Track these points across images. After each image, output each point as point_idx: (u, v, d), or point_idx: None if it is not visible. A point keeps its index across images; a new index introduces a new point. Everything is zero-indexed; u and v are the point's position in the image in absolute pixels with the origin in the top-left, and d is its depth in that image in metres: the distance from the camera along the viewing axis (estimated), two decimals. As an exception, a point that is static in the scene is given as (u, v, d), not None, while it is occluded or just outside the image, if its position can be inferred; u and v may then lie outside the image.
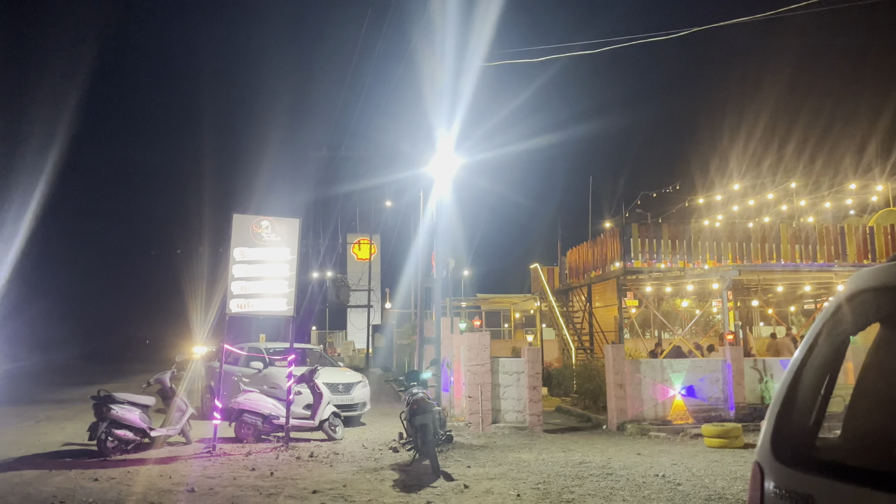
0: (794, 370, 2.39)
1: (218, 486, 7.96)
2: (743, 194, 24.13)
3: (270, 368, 13.33)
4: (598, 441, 11.79)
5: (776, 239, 17.46)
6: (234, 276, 11.03)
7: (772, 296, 21.46)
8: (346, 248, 44.47)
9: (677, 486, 8.07)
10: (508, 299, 32.79)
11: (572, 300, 22.57)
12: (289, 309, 11.33)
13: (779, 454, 2.30)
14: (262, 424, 11.26)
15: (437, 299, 13.22)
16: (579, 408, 15.70)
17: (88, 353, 44.75)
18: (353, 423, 13.61)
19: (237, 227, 11.12)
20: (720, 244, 17.31)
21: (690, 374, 13.55)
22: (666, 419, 13.22)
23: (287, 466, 9.21)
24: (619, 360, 13.36)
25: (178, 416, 10.91)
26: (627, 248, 16.98)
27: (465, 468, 9.14)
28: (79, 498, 7.30)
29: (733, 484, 8.15)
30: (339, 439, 11.56)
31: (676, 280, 17.78)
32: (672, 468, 9.16)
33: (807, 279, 18.03)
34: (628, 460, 9.80)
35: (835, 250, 17.40)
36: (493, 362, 13.21)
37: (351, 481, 8.26)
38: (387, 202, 34.31)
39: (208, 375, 14.93)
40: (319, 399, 11.59)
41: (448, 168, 13.29)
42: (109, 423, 9.86)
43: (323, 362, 14.75)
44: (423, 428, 9.07)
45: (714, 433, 11.17)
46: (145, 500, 7.27)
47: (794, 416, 2.33)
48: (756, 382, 13.79)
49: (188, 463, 9.46)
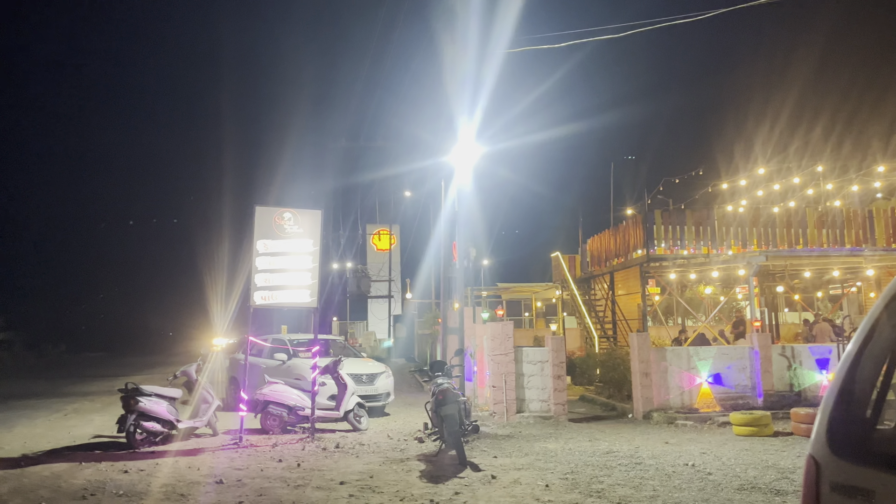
0: (851, 358, 2.28)
1: (246, 477, 7.99)
2: (768, 178, 23.74)
3: (294, 360, 13.37)
4: (624, 430, 11.69)
5: (802, 224, 17.16)
6: (258, 268, 11.05)
7: (797, 281, 21.13)
8: (366, 238, 44.57)
9: (708, 475, 7.96)
10: (529, 288, 32.66)
11: (594, 288, 22.40)
12: (312, 300, 11.33)
13: (836, 447, 2.20)
14: (288, 415, 11.30)
15: (460, 289, 13.16)
16: (603, 396, 15.59)
17: (113, 345, 45.39)
18: (377, 413, 13.63)
19: (260, 219, 11.13)
20: (745, 230, 17.04)
21: (717, 361, 13.38)
22: (692, 407, 13.07)
23: (313, 457, 9.23)
24: (644, 349, 13.22)
25: (205, 407, 10.99)
26: (650, 234, 16.78)
27: (492, 458, 9.10)
28: (109, 490, 7.36)
29: (765, 473, 8.03)
30: (364, 430, 11.57)
31: (700, 267, 17.55)
32: (701, 457, 9.05)
33: (835, 264, 17.71)
34: (656, 449, 9.70)
35: (863, 234, 17.06)
36: (516, 352, 13.14)
37: (377, 472, 8.25)
38: (406, 192, 34.32)
39: (233, 367, 15.03)
40: (344, 390, 11.60)
41: (469, 157, 13.19)
42: (138, 415, 9.95)
43: (346, 353, 14.78)
44: (448, 418, 9.03)
45: (743, 421, 11.02)
46: (175, 491, 7.31)
47: (851, 408, 2.23)
48: (784, 370, 13.58)
49: (215, 454, 9.52)
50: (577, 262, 23.43)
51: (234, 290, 22.78)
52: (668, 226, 16.91)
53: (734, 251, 16.79)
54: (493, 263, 39.06)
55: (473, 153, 13.24)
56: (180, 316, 45.49)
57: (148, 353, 40.45)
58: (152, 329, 52.65)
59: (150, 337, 50.75)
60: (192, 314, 37.27)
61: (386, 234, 41.54)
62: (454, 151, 13.09)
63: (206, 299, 29.82)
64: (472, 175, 13.55)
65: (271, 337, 15.34)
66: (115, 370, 26.62)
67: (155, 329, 52.82)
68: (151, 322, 53.37)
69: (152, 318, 53.15)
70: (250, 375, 11.62)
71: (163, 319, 52.65)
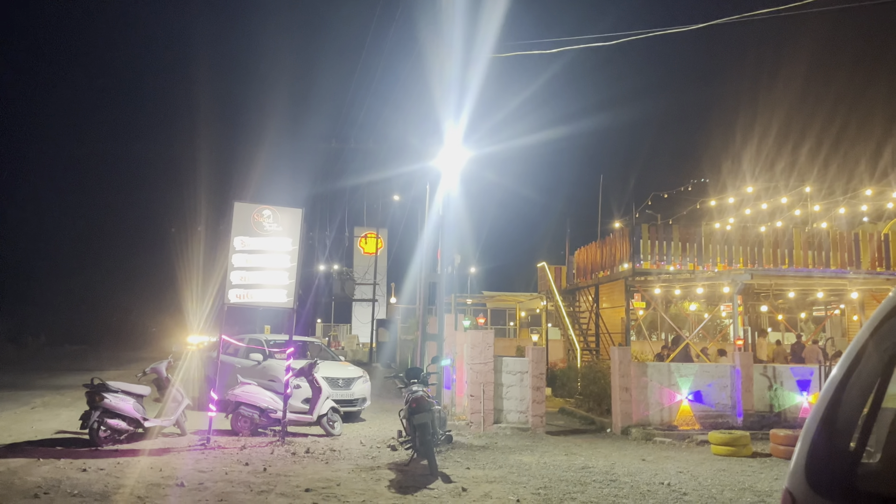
0: (835, 386, 2.10)
1: (209, 480, 7.73)
2: (756, 197, 23.76)
3: (270, 361, 13.10)
4: (601, 445, 11.50)
5: (789, 244, 17.11)
6: (234, 265, 10.79)
7: (781, 302, 21.08)
8: (353, 241, 44.32)
9: (683, 495, 7.78)
10: (514, 297, 32.48)
11: (579, 300, 22.26)
12: (289, 301, 11.08)
13: (815, 482, 2.01)
14: (259, 418, 11.03)
15: (441, 295, 12.95)
16: (583, 410, 15.40)
17: (94, 339, 44.77)
18: (353, 418, 13.37)
19: (238, 215, 10.88)
20: (731, 248, 16.97)
21: (698, 379, 13.24)
22: (672, 424, 12.91)
23: (281, 462, 8.97)
24: (625, 363, 13.05)
25: (174, 406, 10.70)
26: (637, 248, 16.67)
27: (465, 469, 8.88)
28: (63, 489, 7.07)
29: (741, 495, 7.86)
30: (337, 435, 11.32)
31: (686, 283, 17.44)
32: (678, 476, 8.87)
33: (819, 286, 17.66)
34: (633, 466, 9.51)
35: (848, 257, 17.04)
36: (496, 361, 12.94)
37: (346, 480, 8.01)
38: (394, 196, 34.12)
39: (206, 366, 14.72)
40: (318, 393, 11.35)
41: (455, 161, 13.00)
42: (102, 412, 9.65)
43: (323, 356, 14.52)
44: (422, 427, 8.81)
45: (722, 441, 10.85)
46: (132, 493, 7.04)
47: (833, 439, 2.05)
48: (765, 389, 13.45)
49: (181, 455, 9.24)
50: (563, 273, 23.29)
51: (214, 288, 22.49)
52: (654, 240, 16.81)
53: (720, 268, 16.70)
54: (479, 271, 38.89)
55: (461, 157, 13.06)
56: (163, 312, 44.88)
57: (129, 348, 39.91)
58: (135, 324, 51.98)
59: (133, 332, 50.09)
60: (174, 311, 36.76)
61: (373, 237, 41.29)
62: (441, 155, 12.91)
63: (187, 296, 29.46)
64: (458, 180, 13.36)
65: (248, 336, 15.06)
66: (92, 364, 26.16)
67: (137, 324, 52.16)
68: (134, 317, 52.72)
69: (135, 312, 52.48)
70: (223, 375, 11.36)
71: (146, 314, 51.99)
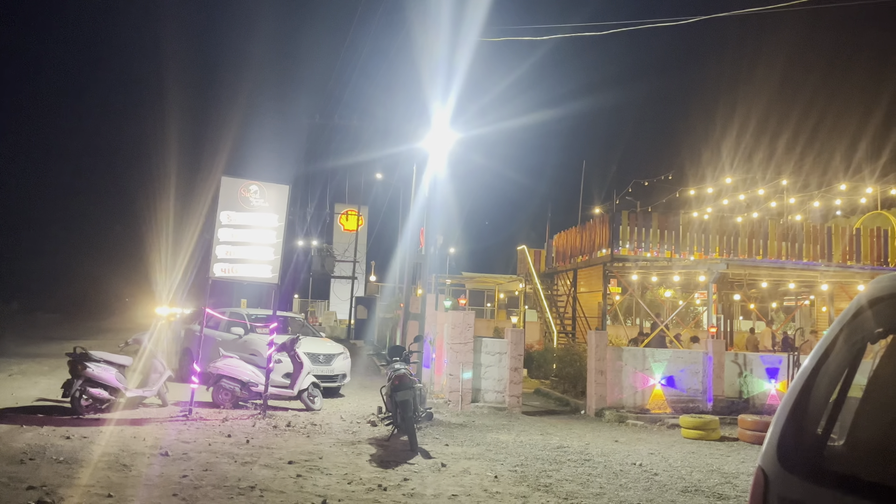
0: (807, 375, 2.29)
1: (192, 451, 7.85)
2: (734, 188, 24.16)
3: (251, 335, 13.19)
4: (576, 426, 11.81)
5: (764, 235, 17.49)
6: (220, 239, 10.83)
7: (754, 291, 21.57)
8: (334, 217, 44.20)
9: (654, 475, 8.07)
10: (494, 279, 32.76)
11: (557, 284, 22.56)
12: (273, 276, 11.16)
13: (785, 462, 2.20)
14: (241, 391, 11.15)
15: (426, 276, 13.11)
16: (558, 391, 15.73)
17: (68, 307, 44.30)
18: (333, 394, 13.54)
19: (225, 190, 10.90)
20: (708, 237, 17.31)
21: (672, 364, 13.59)
22: (644, 408, 13.27)
23: (263, 435, 9.12)
24: (601, 347, 13.35)
25: (156, 377, 10.77)
26: (616, 235, 16.93)
27: (444, 446, 9.10)
28: (48, 455, 7.16)
29: (709, 476, 8.17)
30: (318, 410, 11.48)
31: (663, 270, 17.78)
32: (649, 457, 9.18)
33: (791, 277, 18.11)
34: (606, 447, 9.81)
35: (821, 250, 17.47)
36: (475, 342, 13.16)
37: (327, 454, 8.18)
38: (377, 174, 34.07)
39: (187, 338, 14.77)
40: (299, 368, 11.48)
41: (443, 143, 13.11)
42: (84, 381, 9.70)
43: (305, 332, 14.63)
44: (403, 404, 9.00)
45: (692, 424, 11.21)
46: (117, 461, 7.15)
47: (803, 423, 2.24)
48: (736, 376, 13.86)
49: (163, 426, 9.34)
50: (543, 256, 23.56)
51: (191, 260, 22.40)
52: (633, 227, 17.08)
53: (696, 257, 17.05)
54: (460, 252, 39.13)
55: (447, 139, 13.16)
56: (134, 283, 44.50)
57: (103, 318, 39.61)
58: (109, 293, 51.51)
59: (107, 301, 49.65)
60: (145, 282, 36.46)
61: (354, 214, 41.23)
62: (428, 137, 13.00)
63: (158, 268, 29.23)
64: (445, 162, 13.48)
65: (229, 310, 15.11)
66: (67, 333, 26.01)
67: (112, 293, 51.68)
68: (109, 286, 52.19)
69: (108, 283, 51.94)
70: (205, 348, 11.43)
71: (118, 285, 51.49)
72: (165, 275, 27.68)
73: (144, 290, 39.05)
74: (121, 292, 51.93)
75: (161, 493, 6.08)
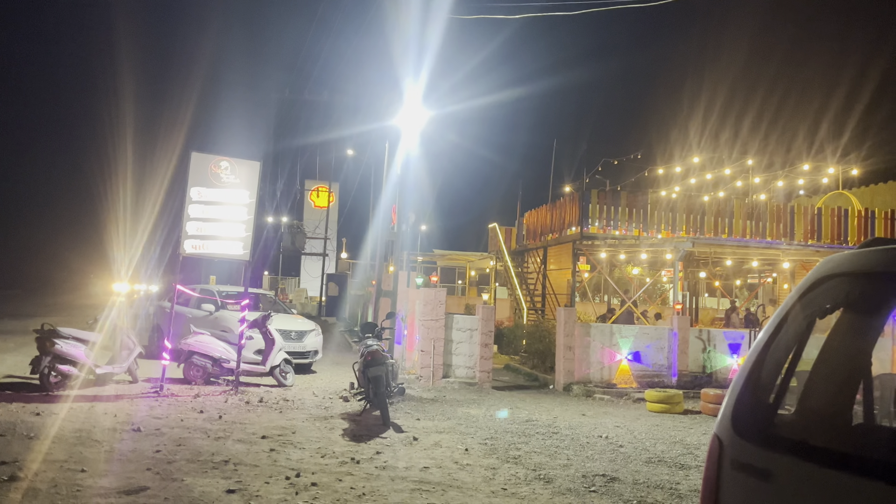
0: (761, 346, 2.44)
1: (165, 426, 7.89)
2: (701, 168, 24.54)
3: (222, 312, 13.16)
4: (544, 400, 12.07)
5: (729, 214, 17.85)
6: (190, 216, 10.75)
7: (719, 269, 22.07)
8: (304, 194, 43.85)
9: (619, 447, 8.33)
10: (465, 257, 32.93)
11: (528, 261, 22.80)
12: (245, 253, 11.14)
13: (739, 428, 2.36)
14: (212, 367, 11.16)
15: (398, 253, 13.18)
16: (528, 367, 16.00)
17: (28, 283, 43.49)
18: (304, 370, 13.61)
19: (195, 165, 10.80)
20: (675, 215, 17.61)
21: (638, 340, 13.91)
22: (611, 382, 13.59)
23: (236, 410, 9.17)
24: (570, 323, 13.60)
25: (126, 354, 10.73)
26: (585, 213, 17.13)
27: (415, 420, 9.26)
28: (19, 432, 7.14)
29: (672, 448, 8.46)
30: (290, 386, 11.55)
31: (631, 248, 18.08)
32: (615, 430, 9.45)
33: (754, 255, 18.56)
34: (573, 420, 10.06)
35: (783, 229, 17.90)
36: (446, 318, 13.31)
37: (300, 428, 8.28)
38: (348, 151, 33.83)
39: (157, 315, 14.67)
40: (271, 345, 11.52)
41: (414, 121, 13.11)
42: (53, 357, 9.63)
43: (276, 308, 14.64)
44: (376, 380, 9.11)
45: (656, 398, 11.54)
46: (89, 437, 7.16)
47: (756, 392, 2.39)
48: (699, 352, 14.24)
49: (134, 402, 9.34)
50: (514, 234, 23.75)
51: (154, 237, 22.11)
52: (603, 206, 17.30)
53: (664, 235, 17.36)
54: (431, 229, 39.16)
55: (420, 117, 13.17)
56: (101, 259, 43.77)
57: (66, 294, 38.95)
58: (72, 269, 50.64)
59: (70, 277, 48.81)
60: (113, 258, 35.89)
61: (325, 191, 40.92)
62: (400, 115, 12.99)
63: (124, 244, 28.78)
64: (417, 139, 13.49)
65: (199, 287, 15.02)
66: (30, 310, 25.58)
67: (75, 270, 50.82)
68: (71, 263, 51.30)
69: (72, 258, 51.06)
70: (175, 325, 11.39)
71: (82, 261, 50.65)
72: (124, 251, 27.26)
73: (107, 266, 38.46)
74: (84, 269, 51.07)
75: (135, 467, 6.13)
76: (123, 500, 5.24)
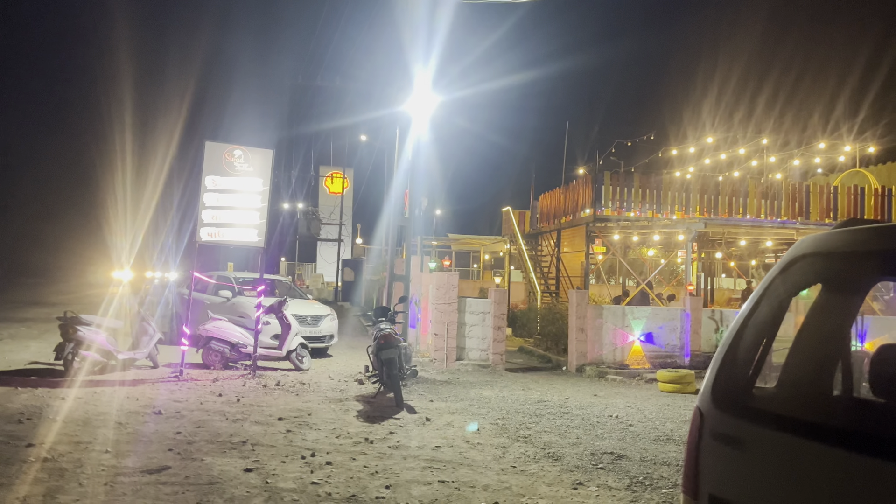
0: (739, 324, 2.55)
1: (185, 409, 8.13)
2: (715, 148, 24.39)
3: (239, 298, 13.41)
4: (557, 381, 12.21)
5: (744, 194, 17.76)
6: (206, 204, 10.97)
7: (734, 249, 22.00)
8: (319, 180, 44.12)
9: (629, 426, 8.46)
10: (479, 240, 33.04)
11: (541, 244, 22.87)
12: (260, 240, 11.35)
13: (717, 401, 2.48)
14: (230, 352, 11.41)
15: (409, 238, 13.32)
16: (541, 349, 16.14)
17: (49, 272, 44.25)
18: (320, 354, 13.85)
19: (209, 154, 11.00)
20: (689, 196, 17.57)
21: (650, 321, 13.98)
22: (623, 363, 13.69)
23: (253, 394, 9.41)
24: (582, 305, 13.70)
25: (146, 340, 11.00)
26: (599, 195, 17.14)
27: (428, 402, 9.44)
28: (45, 416, 7.41)
29: (682, 426, 8.57)
30: (306, 370, 11.78)
31: (644, 229, 18.09)
32: (626, 410, 9.58)
33: (769, 235, 18.49)
34: (585, 401, 10.20)
35: (799, 208, 17.79)
36: (460, 302, 13.46)
37: (316, 410, 8.49)
38: (362, 136, 33.95)
39: (176, 302, 14.97)
40: (287, 330, 11.74)
41: (426, 106, 13.19)
42: (76, 343, 9.92)
43: (292, 294, 14.87)
44: (389, 362, 9.30)
45: (668, 378, 11.63)
46: (113, 420, 7.41)
47: (735, 367, 2.51)
48: (712, 332, 14.29)
49: (155, 386, 9.61)
50: (528, 217, 23.81)
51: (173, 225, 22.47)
52: (616, 187, 17.29)
53: (678, 216, 17.34)
54: (445, 213, 39.30)
55: (430, 102, 13.25)
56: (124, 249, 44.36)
57: (86, 283, 39.56)
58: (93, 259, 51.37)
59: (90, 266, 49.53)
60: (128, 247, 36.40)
61: (339, 176, 41.14)
62: (411, 100, 13.08)
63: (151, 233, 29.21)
64: (428, 124, 13.58)
65: (216, 274, 15.29)
66: (52, 298, 26.09)
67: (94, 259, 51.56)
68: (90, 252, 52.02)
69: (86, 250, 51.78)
70: (194, 311, 11.64)
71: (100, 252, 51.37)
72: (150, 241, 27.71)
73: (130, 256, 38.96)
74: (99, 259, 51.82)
75: (157, 448, 6.37)
76: (146, 478, 5.47)
